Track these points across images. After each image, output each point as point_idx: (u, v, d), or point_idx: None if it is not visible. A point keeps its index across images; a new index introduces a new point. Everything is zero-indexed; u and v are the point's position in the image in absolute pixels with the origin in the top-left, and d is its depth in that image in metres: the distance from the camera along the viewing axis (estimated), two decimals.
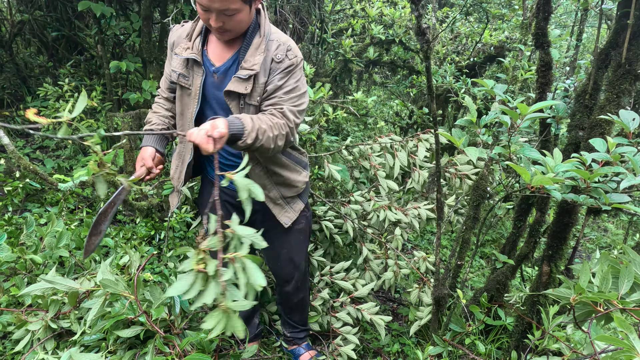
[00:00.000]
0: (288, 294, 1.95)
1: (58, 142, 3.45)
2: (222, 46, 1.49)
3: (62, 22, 3.94)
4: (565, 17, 5.10)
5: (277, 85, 1.44)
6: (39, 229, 2.05)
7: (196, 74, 1.48)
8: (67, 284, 1.42)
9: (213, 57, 1.50)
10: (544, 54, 1.71)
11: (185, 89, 1.51)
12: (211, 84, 1.49)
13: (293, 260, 1.86)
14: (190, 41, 1.49)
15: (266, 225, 1.72)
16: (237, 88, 1.42)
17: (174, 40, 1.53)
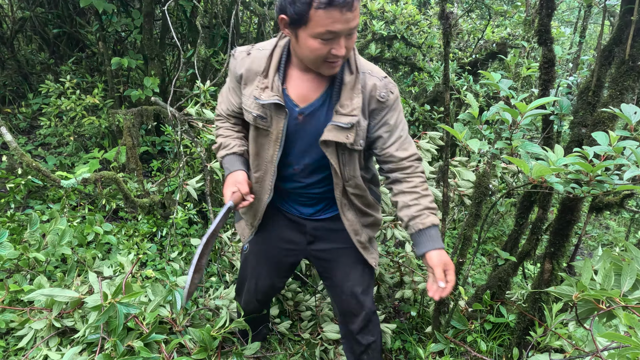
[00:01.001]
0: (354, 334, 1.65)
1: (60, 139, 3.46)
2: (306, 83, 1.30)
3: (63, 19, 3.93)
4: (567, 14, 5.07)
5: (392, 126, 1.32)
6: (42, 226, 2.05)
7: (277, 116, 1.29)
8: (67, 294, 1.42)
9: (296, 97, 1.30)
10: (547, 51, 1.70)
11: (263, 130, 1.34)
12: (295, 125, 1.32)
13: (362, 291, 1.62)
14: (266, 78, 1.28)
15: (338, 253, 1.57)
16: (338, 137, 1.27)
17: (241, 73, 1.32)
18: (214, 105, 2.74)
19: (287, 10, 1.11)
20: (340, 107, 1.26)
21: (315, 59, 1.17)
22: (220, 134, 1.50)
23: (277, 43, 1.30)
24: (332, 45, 1.13)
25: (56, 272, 2.21)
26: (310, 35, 1.11)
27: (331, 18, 1.06)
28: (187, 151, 2.81)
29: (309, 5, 1.06)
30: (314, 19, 1.07)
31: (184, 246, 2.60)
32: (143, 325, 1.48)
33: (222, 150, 1.46)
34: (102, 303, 1.37)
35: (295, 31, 1.14)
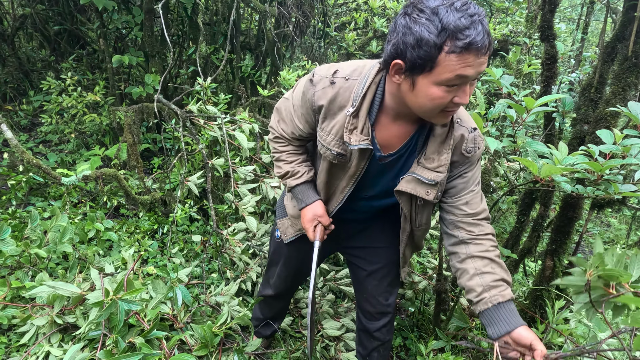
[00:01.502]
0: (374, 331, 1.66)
1: (61, 137, 3.46)
2: (394, 130, 1.19)
3: (64, 16, 3.92)
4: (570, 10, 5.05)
5: (469, 178, 1.21)
6: (43, 222, 2.05)
7: (360, 157, 1.20)
8: (69, 289, 1.43)
9: (381, 142, 1.21)
10: (550, 47, 1.69)
11: (339, 164, 1.25)
12: (374, 167, 1.25)
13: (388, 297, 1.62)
14: (356, 118, 1.14)
15: (376, 252, 1.56)
16: (416, 191, 1.19)
17: (322, 105, 1.18)
18: (215, 101, 2.74)
19: (407, 54, 0.97)
20: (425, 160, 1.16)
21: (433, 109, 1.03)
22: (284, 160, 1.38)
23: (372, 79, 1.13)
24: (457, 92, 1.00)
25: (58, 269, 2.22)
26: (435, 82, 0.98)
27: (465, 63, 0.93)
28: (189, 148, 2.81)
29: (439, 49, 0.93)
30: (443, 64, 0.94)
31: (185, 243, 2.60)
32: (144, 321, 1.48)
33: (292, 180, 1.36)
34: (104, 299, 1.37)
35: (413, 77, 1.00)
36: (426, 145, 1.17)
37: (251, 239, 2.35)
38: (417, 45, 0.94)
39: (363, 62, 1.19)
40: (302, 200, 1.37)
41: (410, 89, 1.03)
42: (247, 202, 1.97)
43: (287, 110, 1.32)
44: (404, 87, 1.05)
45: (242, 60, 3.78)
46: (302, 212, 1.37)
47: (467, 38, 0.90)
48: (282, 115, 1.35)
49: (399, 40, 0.98)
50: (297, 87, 1.28)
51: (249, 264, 2.25)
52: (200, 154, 2.54)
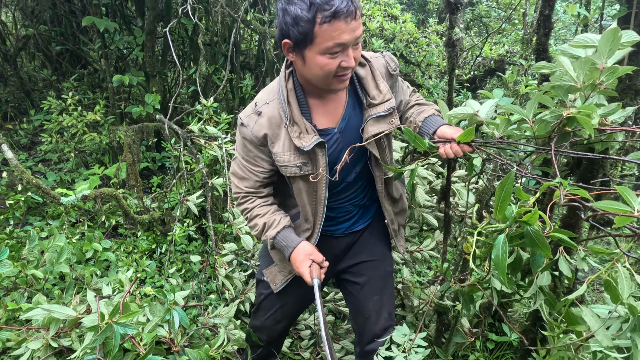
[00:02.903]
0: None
1: (60, 155, 3.47)
2: (329, 104, 1.29)
3: (66, 37, 3.99)
4: (564, 32, 5.15)
5: (405, 91, 1.41)
6: (40, 243, 2.04)
7: (318, 154, 1.26)
8: (65, 312, 1.41)
9: (327, 123, 1.30)
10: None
11: (305, 176, 1.30)
12: (335, 149, 1.31)
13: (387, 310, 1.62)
14: (296, 125, 1.23)
15: (367, 266, 1.57)
16: (381, 128, 1.28)
17: (265, 133, 1.26)
18: (217, 121, 2.76)
19: (290, 33, 1.09)
20: (372, 100, 1.27)
21: (325, 76, 1.14)
22: (257, 214, 1.38)
23: (282, 86, 1.24)
24: (342, 57, 1.11)
25: (54, 289, 2.19)
26: (319, 52, 1.09)
27: (338, 30, 1.05)
28: (188, 167, 2.81)
29: (312, 22, 1.05)
30: (320, 34, 1.06)
31: (183, 263, 2.58)
32: (140, 346, 1.46)
33: (271, 230, 1.36)
34: (99, 323, 1.35)
35: (302, 52, 1.12)
36: (363, 89, 1.29)
37: (250, 259, 2.33)
38: (294, 23, 1.07)
39: (272, 82, 1.32)
40: (287, 246, 1.36)
41: (303, 63, 1.15)
42: (242, 222, 1.97)
43: (240, 167, 1.37)
44: (298, 63, 1.18)
45: (242, 80, 3.82)
46: (292, 257, 1.35)
47: (332, 7, 1.03)
48: (238, 174, 1.39)
49: (280, 22, 1.11)
50: (237, 144, 1.35)
51: (247, 285, 2.23)
52: (199, 173, 2.55)
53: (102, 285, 1.93)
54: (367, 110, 1.28)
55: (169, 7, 3.55)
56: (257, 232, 1.40)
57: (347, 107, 1.31)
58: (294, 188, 1.35)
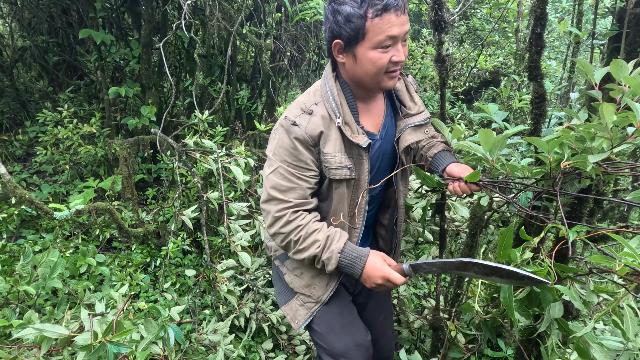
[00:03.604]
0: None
1: (55, 167, 3.45)
2: (373, 110, 1.31)
3: (63, 48, 3.99)
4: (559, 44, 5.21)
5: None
6: (33, 257, 2.02)
7: (364, 158, 1.25)
8: (57, 331, 1.40)
9: (371, 127, 1.31)
10: (538, 87, 1.73)
11: (348, 180, 1.26)
12: (374, 156, 1.31)
13: (392, 330, 1.65)
14: (346, 125, 1.21)
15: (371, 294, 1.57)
16: (418, 137, 1.34)
17: (321, 131, 1.20)
18: (212, 134, 2.76)
19: (342, 32, 1.12)
20: (409, 110, 1.32)
21: (377, 72, 1.15)
22: (314, 230, 1.23)
23: (330, 87, 1.22)
24: (392, 52, 1.13)
25: (46, 305, 2.17)
26: (370, 47, 1.12)
27: (388, 23, 1.09)
28: (183, 180, 2.81)
29: (364, 18, 1.08)
30: (372, 29, 1.09)
31: (178, 277, 2.57)
32: None
33: (336, 243, 1.22)
34: (92, 342, 1.34)
35: (353, 50, 1.15)
36: (399, 100, 1.34)
37: (245, 273, 2.32)
38: (346, 21, 1.10)
39: (312, 86, 1.31)
40: (359, 256, 1.21)
41: (354, 61, 1.16)
42: (240, 238, 1.96)
43: (285, 176, 1.22)
44: (349, 63, 1.18)
45: (239, 91, 3.83)
46: (368, 270, 1.21)
47: (383, 1, 1.07)
48: (282, 186, 1.22)
49: (331, 24, 1.14)
50: (280, 150, 1.22)
51: (242, 299, 2.22)
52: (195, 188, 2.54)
53: (95, 301, 1.92)
54: (403, 120, 1.33)
55: (166, 20, 3.57)
56: (317, 249, 1.22)
57: (386, 115, 1.34)
58: (336, 195, 1.27)
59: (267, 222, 1.27)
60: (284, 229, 1.23)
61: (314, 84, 1.32)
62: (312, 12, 3.46)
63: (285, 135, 1.21)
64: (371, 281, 1.21)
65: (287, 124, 1.20)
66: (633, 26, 1.48)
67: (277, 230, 1.25)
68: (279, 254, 1.45)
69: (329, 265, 1.22)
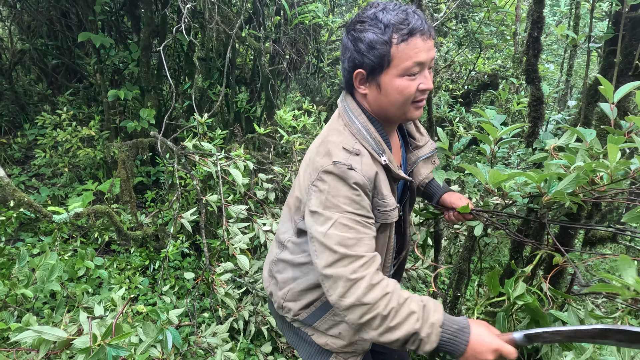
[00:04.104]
0: None
1: (54, 170, 3.45)
2: (393, 143, 1.23)
3: (62, 51, 3.99)
4: (556, 47, 5.23)
5: None
6: (32, 260, 2.02)
7: (395, 194, 1.19)
8: (55, 334, 1.39)
9: (397, 161, 1.25)
10: (535, 89, 1.75)
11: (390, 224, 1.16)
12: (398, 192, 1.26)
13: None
14: (391, 162, 1.12)
15: None
16: (429, 168, 1.34)
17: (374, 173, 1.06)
18: (211, 137, 2.77)
19: (365, 60, 1.05)
20: (417, 142, 1.30)
21: (404, 101, 1.07)
22: (405, 298, 0.97)
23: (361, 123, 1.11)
24: (419, 80, 1.06)
25: (44, 308, 2.17)
26: (397, 74, 1.04)
27: (415, 48, 1.02)
28: (182, 182, 2.81)
29: (388, 44, 1.01)
30: (397, 55, 1.02)
31: (177, 279, 2.57)
32: None
33: (433, 315, 0.95)
34: (91, 345, 1.34)
35: (377, 79, 1.06)
36: (409, 133, 1.31)
37: (243, 276, 2.32)
38: (369, 48, 1.03)
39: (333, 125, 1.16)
40: (460, 330, 0.95)
41: (378, 91, 1.09)
42: (238, 241, 1.96)
43: (351, 228, 1.01)
44: (372, 94, 1.11)
45: (238, 94, 3.84)
46: (474, 345, 0.94)
47: (409, 25, 1.01)
48: (350, 240, 1.00)
49: (352, 53, 1.07)
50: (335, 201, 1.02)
51: (241, 302, 2.21)
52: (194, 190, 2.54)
53: (94, 304, 1.91)
54: (414, 153, 1.29)
55: (165, 23, 3.58)
56: (417, 324, 0.94)
57: (402, 146, 1.29)
58: (379, 240, 1.15)
59: (336, 293, 0.98)
60: (367, 297, 0.95)
61: (332, 123, 1.17)
62: (310, 16, 3.47)
63: (340, 183, 1.02)
64: (477, 358, 0.94)
65: (342, 169, 1.02)
66: (629, 29, 1.49)
67: (358, 300, 0.95)
68: (304, 317, 1.22)
69: (427, 345, 0.93)
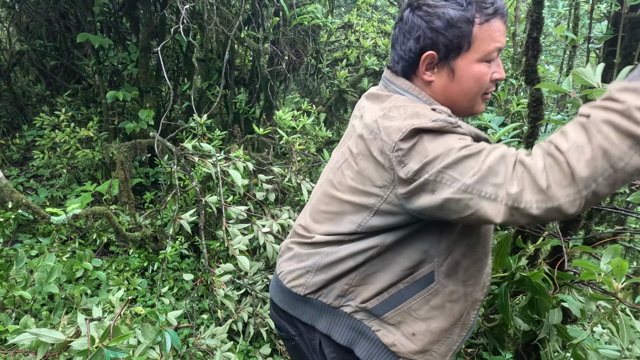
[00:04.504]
0: None
1: (52, 171, 3.44)
2: None
3: (60, 52, 3.99)
4: (555, 48, 5.23)
5: None
6: (30, 262, 2.01)
7: None
8: (53, 336, 1.39)
9: None
10: (535, 90, 1.74)
11: None
12: None
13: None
14: None
15: None
16: None
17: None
18: (210, 137, 2.76)
19: (439, 40, 0.91)
20: None
21: (478, 91, 0.96)
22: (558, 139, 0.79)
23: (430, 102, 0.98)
24: (494, 68, 0.95)
25: (42, 310, 2.16)
26: (476, 58, 0.93)
27: (498, 30, 0.91)
28: (181, 184, 2.80)
29: (471, 23, 0.90)
30: (480, 36, 0.91)
31: (175, 281, 2.56)
32: None
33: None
34: (89, 347, 1.33)
35: (450, 64, 0.94)
36: None
37: (243, 277, 2.31)
38: (448, 26, 0.90)
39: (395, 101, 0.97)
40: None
41: (450, 77, 0.95)
42: (238, 242, 1.96)
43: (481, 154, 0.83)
44: (440, 81, 0.97)
45: (237, 95, 3.84)
46: None
47: (493, 5, 0.90)
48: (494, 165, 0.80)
49: (423, 31, 0.92)
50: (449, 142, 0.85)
51: (240, 303, 2.21)
52: (193, 190, 2.54)
53: (92, 306, 1.91)
54: None
55: (164, 24, 3.58)
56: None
57: None
58: (487, 238, 1.02)
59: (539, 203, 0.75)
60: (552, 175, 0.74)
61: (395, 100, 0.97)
62: (309, 17, 3.47)
63: (445, 135, 0.86)
64: None
65: (446, 126, 0.85)
66: (628, 30, 1.49)
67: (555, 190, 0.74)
68: (374, 306, 1.01)
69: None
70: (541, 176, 0.74)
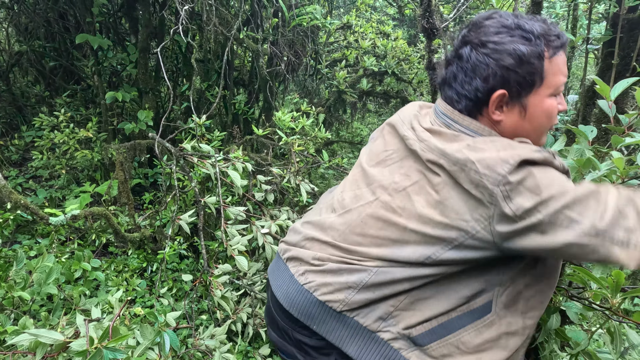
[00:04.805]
0: None
1: (51, 172, 3.44)
2: None
3: (59, 53, 3.99)
4: None
5: None
6: (28, 263, 2.01)
7: None
8: (52, 336, 1.39)
9: None
10: None
11: None
12: None
13: None
14: None
15: None
16: None
17: None
18: (209, 138, 2.76)
19: (511, 78, 0.86)
20: None
21: (549, 127, 0.93)
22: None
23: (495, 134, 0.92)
24: (559, 100, 0.92)
25: (41, 310, 2.16)
26: (548, 93, 0.89)
27: (563, 62, 0.89)
28: (180, 184, 2.80)
29: (542, 57, 0.86)
30: (551, 70, 0.87)
31: (174, 282, 2.56)
32: None
33: None
34: (88, 348, 1.33)
35: (522, 102, 0.89)
36: None
37: (242, 278, 2.31)
38: (520, 63, 0.85)
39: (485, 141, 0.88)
40: None
41: (522, 115, 0.90)
42: (237, 243, 1.96)
43: (584, 196, 0.79)
44: (509, 119, 0.91)
45: (236, 96, 3.84)
46: None
47: (559, 38, 0.88)
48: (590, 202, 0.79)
49: (492, 69, 0.87)
50: (561, 184, 0.80)
51: (239, 304, 2.21)
52: (192, 191, 2.54)
53: (91, 306, 1.91)
54: None
55: (163, 25, 3.58)
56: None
57: None
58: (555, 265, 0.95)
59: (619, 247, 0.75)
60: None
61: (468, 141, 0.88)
62: (308, 17, 3.47)
63: (549, 169, 0.82)
64: None
65: (549, 156, 0.82)
66: (626, 31, 1.49)
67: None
68: (417, 334, 0.90)
69: None
70: None
